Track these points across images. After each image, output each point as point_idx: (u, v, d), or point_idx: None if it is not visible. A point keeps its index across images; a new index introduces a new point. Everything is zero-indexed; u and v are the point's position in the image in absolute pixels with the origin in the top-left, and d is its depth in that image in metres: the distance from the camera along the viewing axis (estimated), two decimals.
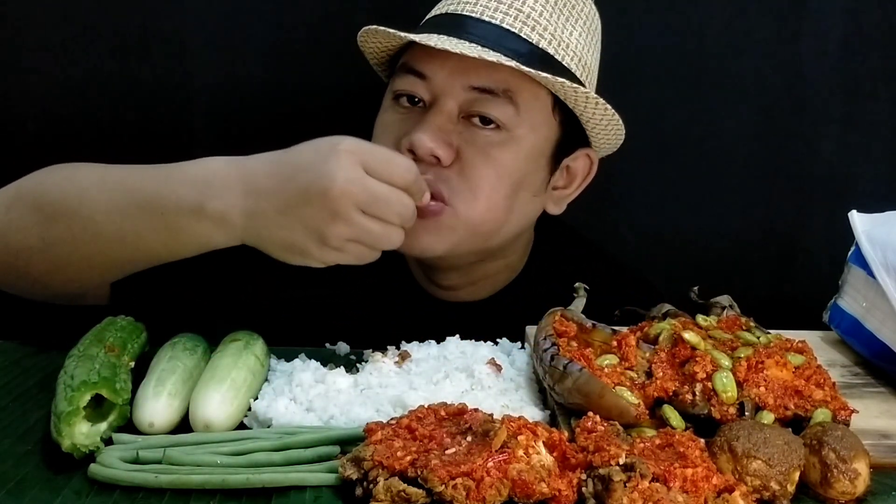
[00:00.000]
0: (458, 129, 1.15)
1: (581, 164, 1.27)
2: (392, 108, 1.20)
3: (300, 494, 0.80)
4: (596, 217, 1.70)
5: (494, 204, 1.17)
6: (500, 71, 1.13)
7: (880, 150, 1.71)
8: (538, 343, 0.94)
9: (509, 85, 1.15)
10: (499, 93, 1.14)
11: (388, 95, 1.22)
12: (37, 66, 1.66)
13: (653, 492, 0.75)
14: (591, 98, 1.15)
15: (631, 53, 1.68)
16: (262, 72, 1.68)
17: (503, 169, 1.16)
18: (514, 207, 1.19)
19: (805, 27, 1.67)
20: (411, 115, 1.17)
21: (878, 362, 1.05)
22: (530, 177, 1.20)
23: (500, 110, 1.15)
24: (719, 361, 0.90)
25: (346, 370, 1.00)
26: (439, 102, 1.15)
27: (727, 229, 1.74)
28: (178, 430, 0.90)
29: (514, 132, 1.16)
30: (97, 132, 1.70)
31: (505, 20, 1.15)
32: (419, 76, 1.16)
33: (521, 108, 1.16)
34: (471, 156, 1.15)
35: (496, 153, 1.15)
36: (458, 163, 1.15)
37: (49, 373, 1.01)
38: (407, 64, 1.18)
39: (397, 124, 1.18)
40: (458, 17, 1.16)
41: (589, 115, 1.19)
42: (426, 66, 1.16)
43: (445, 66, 1.15)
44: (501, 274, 1.31)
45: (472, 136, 1.15)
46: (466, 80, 1.14)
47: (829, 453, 0.80)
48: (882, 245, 1.05)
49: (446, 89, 1.15)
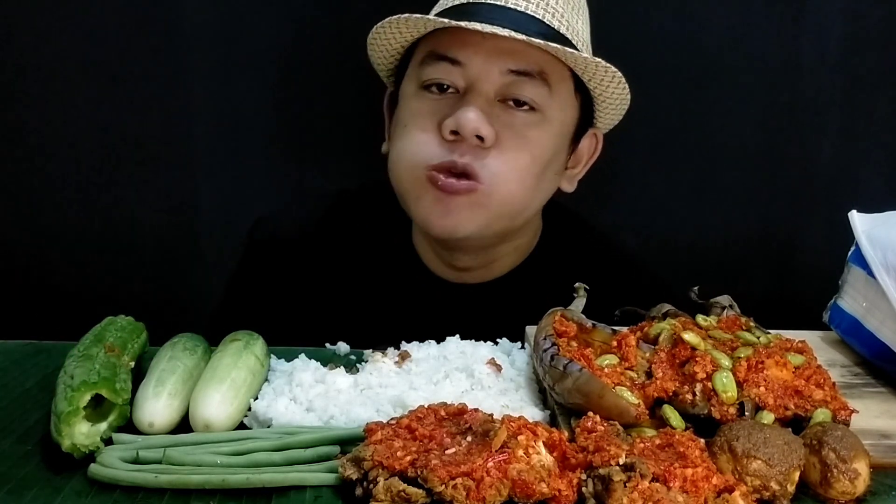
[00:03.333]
0: (495, 111, 1.17)
1: (587, 143, 1.31)
2: (421, 96, 1.21)
3: (300, 494, 0.80)
4: (596, 217, 1.70)
5: (527, 184, 1.20)
6: (534, 54, 1.16)
7: (880, 150, 1.72)
8: (538, 343, 0.94)
9: (543, 67, 1.18)
10: (534, 74, 1.17)
11: (409, 86, 1.23)
12: (37, 66, 1.67)
13: (653, 492, 0.75)
14: (616, 76, 1.19)
15: (631, 54, 1.68)
16: (263, 70, 1.68)
17: (538, 150, 1.20)
18: (540, 187, 1.23)
19: (805, 27, 1.67)
20: (445, 101, 1.19)
21: (878, 362, 1.05)
22: (557, 156, 1.24)
23: (535, 91, 1.18)
24: (719, 361, 0.90)
25: (346, 370, 1.00)
26: (477, 87, 1.17)
27: (727, 229, 1.74)
28: (178, 430, 0.90)
29: (546, 113, 1.19)
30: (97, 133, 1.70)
31: (528, 7, 1.17)
32: (453, 62, 1.18)
33: (553, 90, 1.19)
34: (508, 137, 1.17)
35: (532, 134, 1.19)
36: (497, 145, 1.17)
37: (49, 373, 1.01)
38: (436, 52, 1.19)
39: (434, 110, 1.19)
40: (481, 6, 1.18)
41: (608, 94, 1.23)
42: (460, 53, 1.17)
43: (480, 52, 1.16)
44: (510, 256, 1.33)
45: (510, 119, 1.18)
46: (504, 63, 1.16)
47: (829, 453, 0.80)
48: (882, 245, 1.05)
49: (483, 74, 1.17)
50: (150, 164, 1.70)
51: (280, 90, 1.69)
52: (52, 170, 1.70)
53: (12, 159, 1.70)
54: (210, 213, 1.74)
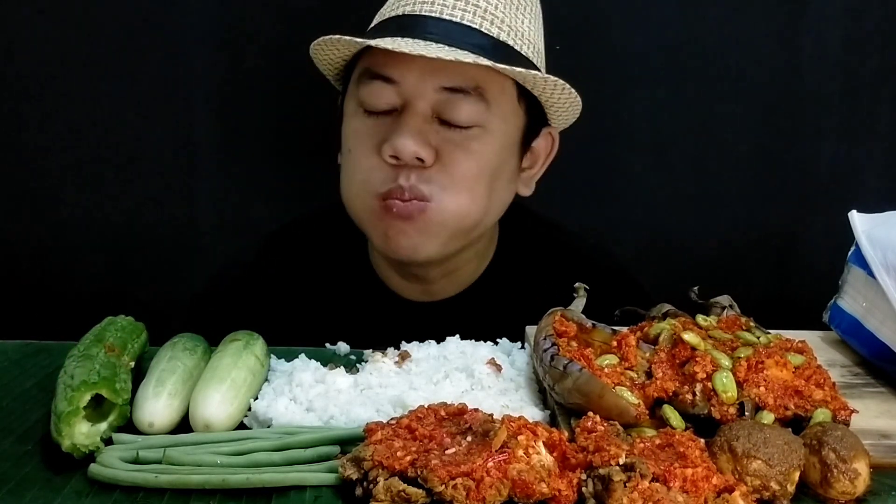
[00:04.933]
0: (433, 128, 1.16)
1: (543, 143, 1.30)
2: (360, 116, 1.19)
3: (300, 494, 0.80)
4: (596, 217, 1.70)
5: (477, 195, 1.19)
6: (469, 69, 1.14)
7: (880, 150, 1.72)
8: (538, 343, 0.94)
9: (478, 81, 1.16)
10: (470, 90, 1.16)
11: (350, 103, 1.21)
12: (37, 66, 1.67)
13: (653, 492, 0.75)
14: (558, 84, 1.17)
15: (631, 54, 1.68)
16: (263, 69, 1.68)
17: (483, 160, 1.18)
18: (493, 196, 1.22)
19: (805, 27, 1.67)
20: (382, 122, 1.17)
21: (878, 362, 1.05)
22: (505, 165, 1.22)
23: (472, 109, 1.16)
24: (719, 361, 0.90)
25: (346, 370, 1.00)
26: (412, 105, 1.16)
27: (727, 229, 1.74)
28: (178, 430, 0.90)
29: (487, 127, 1.18)
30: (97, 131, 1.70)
31: (465, 17, 1.15)
32: (386, 81, 1.16)
33: (492, 103, 1.17)
34: (450, 152, 1.16)
35: (474, 146, 1.17)
36: (439, 161, 1.16)
37: (49, 373, 1.01)
38: (371, 70, 1.17)
39: (371, 132, 1.18)
40: (417, 18, 1.16)
41: (554, 100, 1.22)
42: (393, 71, 1.15)
43: (413, 69, 1.14)
44: (472, 262, 1.32)
45: (449, 134, 1.17)
46: (437, 80, 1.15)
47: (829, 453, 0.80)
48: (882, 245, 1.05)
49: (418, 91, 1.15)
50: (151, 164, 1.70)
51: (281, 91, 1.69)
52: (52, 170, 1.70)
53: (12, 159, 1.70)
54: (210, 213, 1.74)
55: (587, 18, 1.66)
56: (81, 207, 1.71)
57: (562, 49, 1.16)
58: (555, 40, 1.30)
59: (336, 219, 1.34)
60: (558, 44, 1.17)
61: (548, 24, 1.28)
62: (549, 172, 1.33)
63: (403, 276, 1.31)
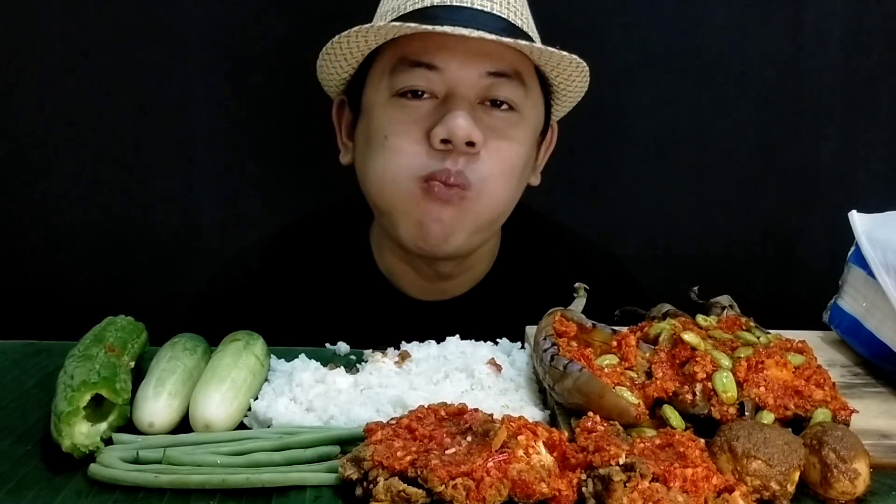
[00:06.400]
0: (477, 115, 1.16)
1: (549, 133, 1.32)
2: (397, 105, 1.17)
3: (300, 494, 0.80)
4: (596, 217, 1.70)
5: (511, 185, 1.20)
6: (508, 54, 1.15)
7: (880, 149, 1.72)
8: (538, 343, 0.94)
9: (517, 66, 1.18)
10: (511, 75, 1.17)
11: (379, 95, 1.19)
12: (37, 66, 1.67)
13: (653, 492, 0.75)
14: (581, 67, 1.19)
15: (631, 54, 1.68)
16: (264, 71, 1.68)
17: (522, 149, 1.20)
18: (520, 186, 1.24)
19: (805, 27, 1.67)
20: (425, 109, 1.16)
21: (878, 362, 1.05)
22: (532, 153, 1.25)
23: (513, 92, 1.18)
24: (719, 361, 0.90)
25: (346, 370, 1.00)
26: (458, 91, 1.15)
27: (727, 229, 1.74)
28: (178, 430, 0.90)
29: (523, 112, 1.19)
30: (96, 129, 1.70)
31: (493, 7, 1.16)
32: (429, 68, 1.15)
33: (528, 88, 1.19)
34: (494, 139, 1.17)
35: (513, 133, 1.19)
36: (484, 148, 1.16)
37: (49, 373, 1.01)
38: (410, 58, 1.16)
39: (415, 118, 1.16)
40: (445, 8, 1.15)
41: (572, 87, 1.24)
42: (435, 58, 1.15)
43: (456, 55, 1.15)
44: (484, 261, 1.33)
45: (492, 121, 1.17)
46: (482, 66, 1.15)
47: (829, 453, 0.80)
48: (882, 245, 1.05)
49: (462, 78, 1.15)
50: (151, 164, 1.70)
51: (281, 91, 1.69)
52: (52, 170, 1.70)
53: (12, 160, 1.70)
54: (210, 213, 1.74)
55: (587, 18, 1.66)
56: (82, 207, 1.71)
57: (561, 48, 1.15)
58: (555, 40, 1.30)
59: (337, 219, 1.33)
60: (558, 43, 1.17)
61: (548, 23, 1.28)
62: (549, 172, 1.33)
63: (419, 272, 1.30)
